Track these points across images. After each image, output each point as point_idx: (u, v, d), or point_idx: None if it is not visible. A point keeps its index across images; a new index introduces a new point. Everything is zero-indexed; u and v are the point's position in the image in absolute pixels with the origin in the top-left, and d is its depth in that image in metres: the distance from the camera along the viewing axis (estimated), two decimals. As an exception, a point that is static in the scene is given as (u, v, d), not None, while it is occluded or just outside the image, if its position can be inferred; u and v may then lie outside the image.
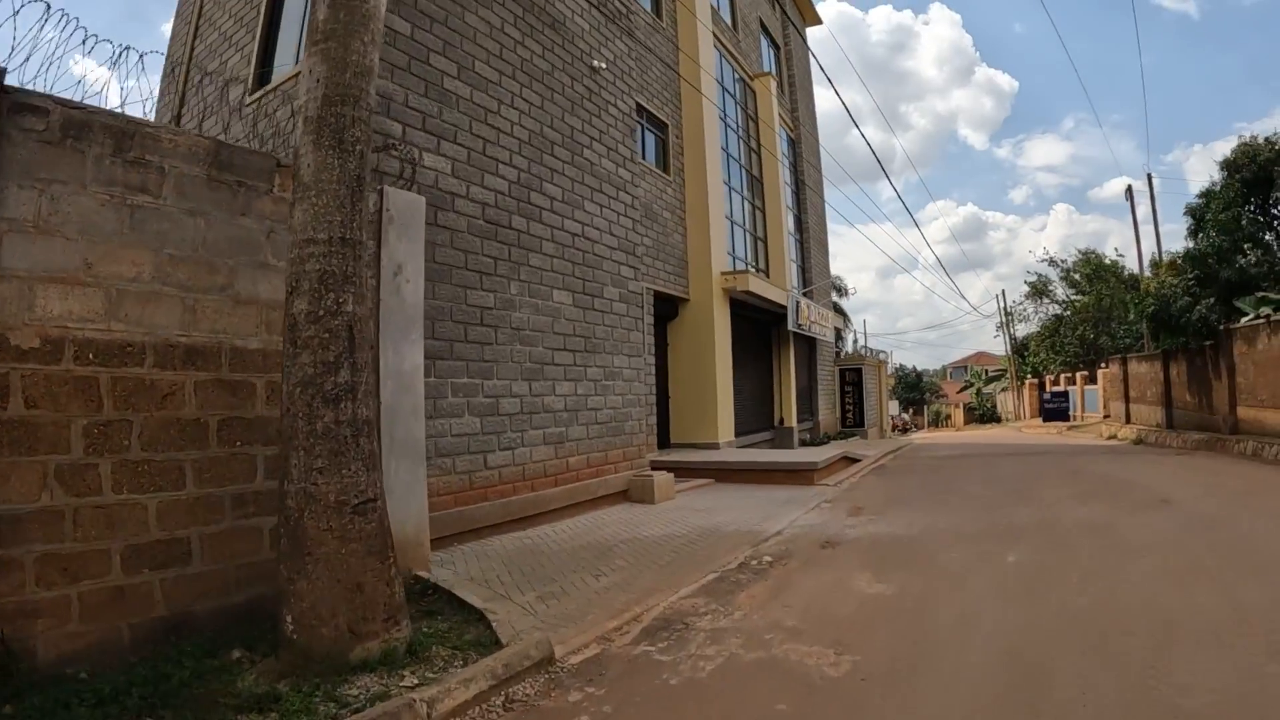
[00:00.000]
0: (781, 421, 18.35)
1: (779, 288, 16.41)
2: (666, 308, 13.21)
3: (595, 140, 8.97)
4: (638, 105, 11.52)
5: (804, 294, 19.88)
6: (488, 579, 5.18)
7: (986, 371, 49.31)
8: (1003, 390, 43.93)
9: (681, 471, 10.93)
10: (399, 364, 5.26)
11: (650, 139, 13.07)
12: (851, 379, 24.82)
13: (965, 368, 59.61)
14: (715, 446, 12.85)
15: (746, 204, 17.59)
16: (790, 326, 16.29)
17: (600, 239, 8.90)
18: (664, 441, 13.00)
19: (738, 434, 14.55)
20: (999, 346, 47.88)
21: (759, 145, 18.99)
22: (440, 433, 6.42)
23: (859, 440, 21.95)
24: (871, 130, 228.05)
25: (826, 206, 25.23)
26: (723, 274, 13.62)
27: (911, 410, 54.96)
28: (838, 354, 29.61)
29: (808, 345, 21.39)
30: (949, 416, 51.24)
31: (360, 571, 3.44)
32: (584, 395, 8.36)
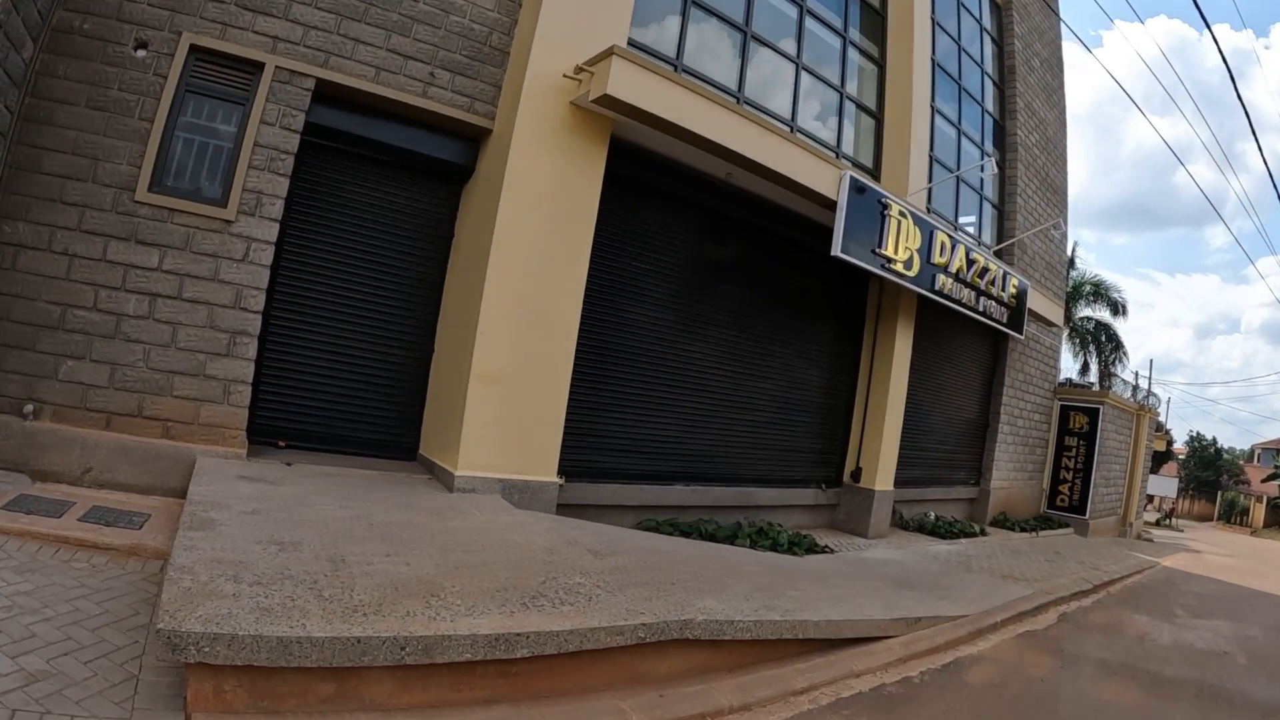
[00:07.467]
0: (856, 475, 9.16)
1: (824, 162, 7.48)
2: (453, 145, 5.81)
3: None
4: None
5: (945, 220, 10.01)
6: None
7: (1306, 458, 37.37)
8: (1321, 486, 31.68)
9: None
10: None
11: None
12: (1080, 427, 13.88)
13: (1278, 450, 44.30)
14: (448, 482, 5.05)
15: (827, 33, 9.00)
16: (836, 250, 7.28)
17: None
18: (403, 445, 5.59)
19: (664, 479, 6.47)
20: (1327, 426, 34.87)
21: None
22: None
23: (1063, 538, 11.50)
24: (1200, 169, 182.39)
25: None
26: (577, 68, 5.64)
27: (1188, 495, 39.91)
28: (1082, 385, 17.82)
29: (991, 341, 11.62)
30: (1247, 510, 37.88)
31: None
32: None
